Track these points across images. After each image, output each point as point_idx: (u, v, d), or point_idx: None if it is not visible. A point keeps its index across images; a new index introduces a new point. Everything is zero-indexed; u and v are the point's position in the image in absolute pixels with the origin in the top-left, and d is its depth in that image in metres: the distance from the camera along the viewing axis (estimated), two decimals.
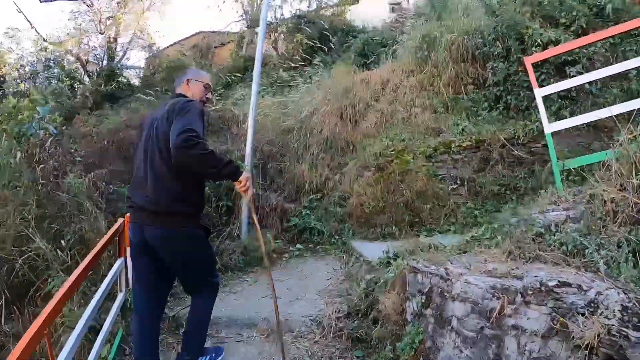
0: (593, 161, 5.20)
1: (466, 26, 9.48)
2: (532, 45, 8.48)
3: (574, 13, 9.14)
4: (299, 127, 9.75)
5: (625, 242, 3.83)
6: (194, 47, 20.41)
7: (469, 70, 9.20)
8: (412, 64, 9.91)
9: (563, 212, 4.43)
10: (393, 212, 7.73)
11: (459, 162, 7.99)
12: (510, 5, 9.61)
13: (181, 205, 3.53)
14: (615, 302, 2.81)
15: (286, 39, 17.24)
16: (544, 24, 9.31)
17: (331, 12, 18.56)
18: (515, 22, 8.96)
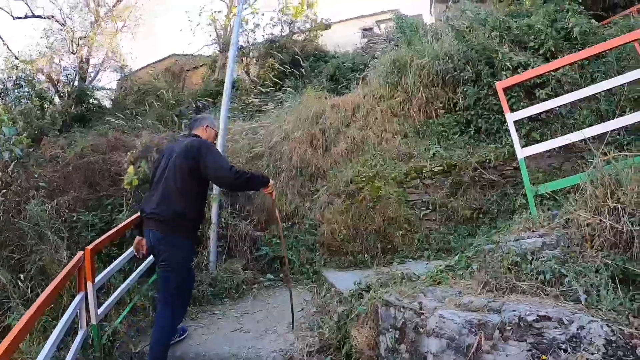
0: (567, 185, 5.16)
1: (436, 51, 9.54)
2: (502, 69, 8.54)
3: (542, 37, 9.28)
4: (269, 153, 9.57)
5: (603, 267, 3.78)
6: (166, 70, 20.20)
7: (440, 95, 9.22)
8: (383, 89, 9.88)
9: (539, 238, 4.36)
10: (365, 240, 7.61)
11: (431, 187, 7.94)
12: (480, 30, 9.70)
13: (179, 219, 4.50)
14: (599, 337, 2.71)
15: (258, 63, 17.19)
16: (513, 48, 9.42)
17: (304, 37, 18.59)
18: (484, 47, 9.05)
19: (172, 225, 4.49)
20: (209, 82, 17.71)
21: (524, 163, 5.48)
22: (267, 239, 8.11)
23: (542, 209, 5.16)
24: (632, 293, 3.60)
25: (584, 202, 4.44)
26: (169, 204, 4.49)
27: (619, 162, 4.54)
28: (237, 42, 8.75)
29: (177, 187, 4.52)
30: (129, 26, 21.51)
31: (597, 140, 6.35)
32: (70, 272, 4.25)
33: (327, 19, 19.33)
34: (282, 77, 15.10)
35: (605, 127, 5.37)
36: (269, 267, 7.79)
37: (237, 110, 12.67)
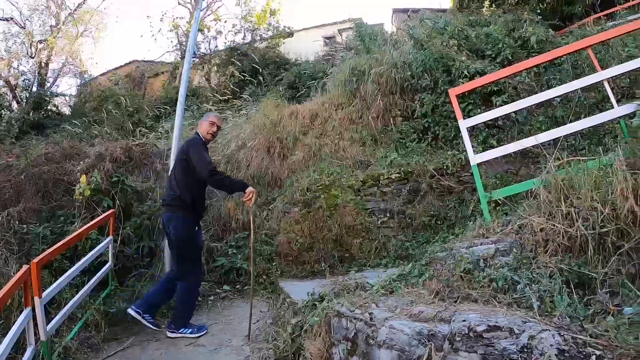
0: (520, 190, 5.16)
1: (395, 59, 9.52)
2: (459, 77, 8.57)
3: (500, 45, 9.37)
4: (227, 162, 9.43)
5: (558, 272, 3.76)
6: (127, 77, 19.84)
7: (398, 103, 9.21)
8: (342, 96, 9.84)
9: (492, 245, 4.31)
10: (322, 249, 7.50)
11: (388, 195, 7.87)
12: (438, 39, 9.72)
13: (179, 201, 5.50)
14: (551, 346, 2.62)
15: (219, 71, 17.02)
16: (471, 56, 9.50)
17: (266, 44, 18.50)
18: (442, 55, 9.07)
19: (173, 206, 5.53)
20: (170, 89, 17.44)
21: (477, 169, 5.49)
22: (224, 249, 7.92)
23: (497, 214, 5.12)
24: (587, 298, 3.57)
25: (537, 207, 4.42)
26: (172, 191, 5.60)
27: (573, 166, 4.54)
28: (193, 48, 8.59)
29: (176, 178, 5.62)
30: (90, 30, 21.21)
31: (554, 145, 6.42)
32: (13, 287, 4.00)
33: (290, 27, 19.37)
34: (243, 84, 14.93)
35: (557, 132, 5.46)
36: (226, 279, 7.61)
37: (196, 117, 12.43)
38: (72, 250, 6.45)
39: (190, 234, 5.55)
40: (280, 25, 19.29)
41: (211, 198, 8.80)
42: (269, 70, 16.04)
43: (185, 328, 5.60)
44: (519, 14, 12.26)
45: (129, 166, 8.72)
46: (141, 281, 6.94)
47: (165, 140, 10.17)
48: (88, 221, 6.75)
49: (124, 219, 7.40)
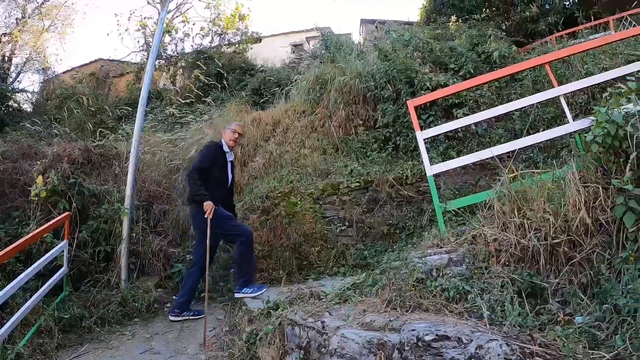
0: (475, 201, 5.23)
1: (360, 69, 9.54)
2: (421, 89, 8.65)
3: (463, 59, 9.48)
4: (187, 167, 9.24)
5: (510, 282, 3.81)
6: (91, 75, 19.27)
7: (360, 112, 9.25)
8: (305, 104, 9.84)
9: (445, 255, 4.36)
10: (280, 256, 7.43)
11: (348, 204, 7.87)
12: (403, 51, 9.79)
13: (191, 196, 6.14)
14: (498, 356, 2.62)
15: (185, 74, 16.83)
16: (434, 69, 9.62)
17: (233, 49, 18.38)
18: (406, 67, 9.12)
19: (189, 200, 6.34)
20: (134, 90, 17.08)
21: (433, 180, 5.54)
22: (181, 255, 7.77)
23: (452, 225, 5.14)
24: (539, 307, 3.65)
25: (491, 219, 4.45)
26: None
27: (526, 179, 4.59)
28: (157, 50, 8.46)
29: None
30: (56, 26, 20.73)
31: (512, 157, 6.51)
32: None
33: (259, 33, 19.29)
34: (207, 89, 14.79)
35: (511, 146, 5.60)
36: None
37: (159, 120, 12.25)
38: (26, 254, 6.27)
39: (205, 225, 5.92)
40: (248, 30, 19.24)
41: (170, 204, 8.66)
42: (235, 75, 15.94)
43: (188, 312, 6.18)
44: (484, 29, 12.42)
45: (87, 168, 8.48)
46: (97, 287, 6.75)
47: (126, 142, 9.97)
48: (43, 223, 6.54)
49: (80, 222, 7.22)
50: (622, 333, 3.03)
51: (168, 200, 8.70)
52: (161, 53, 17.03)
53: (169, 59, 17.65)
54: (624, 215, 3.87)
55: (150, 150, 9.59)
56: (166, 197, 8.75)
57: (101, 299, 6.48)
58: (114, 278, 7.04)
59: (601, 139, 4.34)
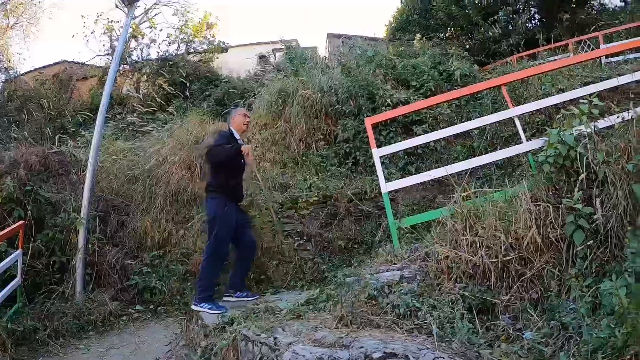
0: (428, 219, 5.32)
1: (323, 83, 9.55)
2: (382, 105, 8.74)
3: (425, 77, 9.58)
4: (147, 176, 9.09)
5: (460, 298, 3.87)
6: (54, 77, 18.71)
7: (321, 127, 9.27)
8: (267, 117, 9.78)
9: (397, 272, 4.39)
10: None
11: (306, 218, 7.87)
12: (366, 67, 9.86)
13: (208, 186, 6.20)
14: None
15: (149, 81, 16.60)
16: (396, 86, 9.72)
17: (199, 57, 18.22)
18: (368, 83, 9.22)
19: (205, 191, 6.28)
20: (97, 96, 16.61)
21: (388, 197, 5.65)
22: (138, 267, 7.67)
23: (406, 241, 5.18)
24: (490, 323, 3.71)
25: (445, 235, 4.49)
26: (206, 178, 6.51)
27: (479, 197, 4.67)
28: (119, 55, 8.36)
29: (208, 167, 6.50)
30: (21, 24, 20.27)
31: (469, 174, 6.64)
32: None
33: (225, 43, 19.14)
34: (171, 97, 14.61)
35: (468, 164, 5.76)
36: (139, 298, 7.37)
37: (120, 128, 12.03)
38: None
39: (219, 212, 5.97)
40: (215, 39, 19.06)
41: (128, 214, 8.53)
42: (199, 85, 15.83)
43: (206, 303, 5.78)
44: (447, 48, 12.61)
45: (44, 175, 8.23)
46: (51, 299, 6.59)
47: (85, 149, 9.77)
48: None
49: (36, 231, 7.05)
50: (567, 350, 3.09)
51: (126, 211, 8.53)
52: (126, 58, 16.75)
53: (133, 65, 17.36)
54: (573, 233, 3.98)
55: (110, 158, 9.38)
56: (124, 208, 8.58)
57: (56, 311, 6.34)
58: (69, 290, 6.87)
59: (553, 160, 4.46)
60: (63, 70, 19.48)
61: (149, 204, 8.62)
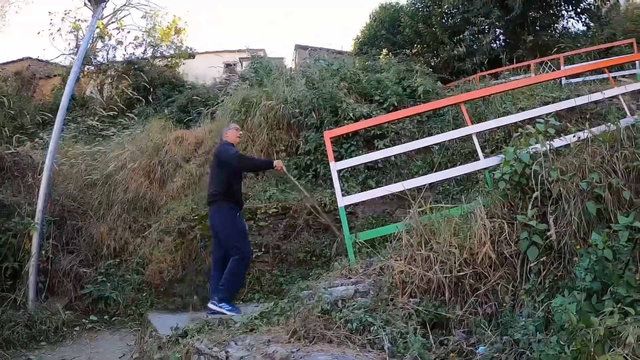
0: (384, 233, 5.35)
1: (286, 95, 9.51)
2: (345, 119, 8.73)
3: (388, 92, 9.62)
4: (105, 182, 8.97)
5: (414, 313, 3.89)
6: (16, 75, 18.25)
7: (283, 138, 9.23)
8: None
9: (352, 286, 4.41)
10: (194, 281, 7.41)
11: (265, 229, 7.83)
12: (330, 80, 9.85)
13: (215, 194, 6.32)
14: None
15: (113, 83, 16.33)
16: (359, 99, 9.74)
17: (165, 62, 18.03)
18: (331, 96, 9.19)
19: (212, 200, 6.38)
20: (60, 95, 16.26)
21: (344, 211, 5.69)
22: (93, 276, 7.54)
23: (362, 256, 5.18)
24: (444, 338, 3.75)
25: (400, 250, 4.51)
26: (209, 189, 6.53)
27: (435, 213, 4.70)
28: (83, 56, 8.22)
29: (213, 175, 6.65)
30: None
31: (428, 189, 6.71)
32: None
33: (193, 49, 18.99)
34: (134, 101, 14.39)
35: (425, 179, 5.92)
36: (94, 308, 7.25)
37: (81, 131, 11.76)
38: None
39: (227, 219, 6.21)
40: (183, 45, 18.90)
41: (84, 220, 8.37)
42: (163, 90, 15.67)
43: (226, 304, 5.88)
44: (412, 64, 12.72)
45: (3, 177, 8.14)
46: (2, 306, 6.43)
47: (42, 151, 9.52)
48: None
49: None
50: None
51: (83, 217, 8.36)
52: (91, 59, 16.47)
53: (98, 66, 17.05)
54: (527, 249, 4.03)
55: (68, 162, 9.22)
56: (81, 213, 8.41)
57: (7, 320, 6.17)
58: (21, 297, 6.74)
59: (509, 177, 4.52)
60: (26, 67, 19.00)
61: (106, 210, 8.55)
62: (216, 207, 6.30)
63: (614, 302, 3.16)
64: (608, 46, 14.20)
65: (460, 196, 6.34)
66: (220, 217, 6.24)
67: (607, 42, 14.81)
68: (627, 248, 3.52)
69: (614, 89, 6.76)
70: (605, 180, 4.23)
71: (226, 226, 6.21)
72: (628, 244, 3.54)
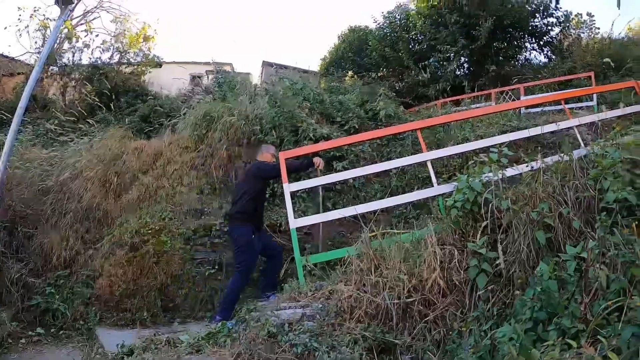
0: (334, 257, 5.36)
1: (248, 111, 9.44)
2: (305, 139, 8.72)
3: (350, 114, 9.64)
4: (59, 189, 8.67)
5: (361, 339, 3.85)
6: None
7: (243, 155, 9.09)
8: (189, 140, 9.56)
9: (299, 309, 4.42)
10: (145, 296, 7.21)
11: (219, 246, 7.74)
12: (293, 99, 9.83)
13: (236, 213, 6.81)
14: None
15: (76, 87, 15.98)
16: (321, 120, 9.72)
17: (131, 69, 17.75)
18: (293, 115, 9.16)
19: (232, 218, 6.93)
20: (21, 95, 15.85)
21: (295, 233, 5.79)
22: (42, 287, 7.30)
23: (312, 279, 5.16)
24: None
25: (350, 275, 4.50)
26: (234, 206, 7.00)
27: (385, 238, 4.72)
28: (46, 55, 8.09)
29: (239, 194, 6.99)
30: None
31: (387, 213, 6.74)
32: None
33: (160, 58, 18.75)
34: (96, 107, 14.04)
35: (372, 206, 6.08)
36: (41, 320, 6.99)
37: (39, 134, 11.46)
38: None
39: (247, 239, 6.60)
40: (151, 53, 18.64)
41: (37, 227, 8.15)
42: (127, 98, 15.40)
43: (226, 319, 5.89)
44: (376, 87, 12.81)
45: None
46: None
47: None
48: None
49: None
50: None
51: (35, 224, 8.11)
52: (56, 60, 16.12)
53: (63, 68, 16.70)
54: (477, 277, 4.06)
55: (24, 165, 8.93)
56: (33, 220, 8.17)
57: None
58: None
59: (461, 204, 4.56)
60: None
61: (59, 219, 8.27)
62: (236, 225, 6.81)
63: (559, 333, 3.19)
64: (568, 78, 14.67)
65: (417, 220, 6.38)
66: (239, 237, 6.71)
67: (567, 74, 15.32)
68: (573, 278, 3.57)
69: (569, 120, 7.00)
70: (555, 209, 4.30)
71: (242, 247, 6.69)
72: (575, 274, 3.58)
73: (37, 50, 16.61)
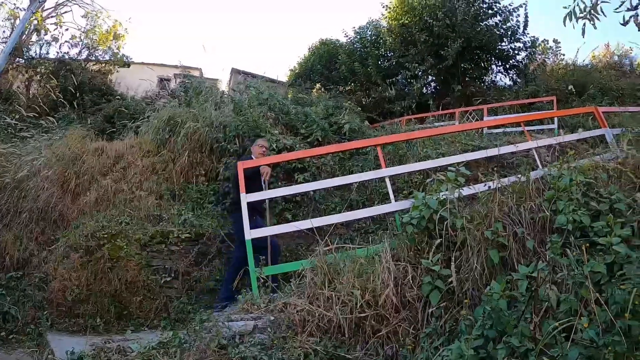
0: (289, 270, 5.39)
1: (213, 118, 9.41)
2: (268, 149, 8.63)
3: (314, 126, 9.65)
4: (15, 187, 8.45)
5: (312, 352, 3.89)
6: None
7: (204, 162, 9.11)
8: (152, 144, 9.49)
9: (251, 321, 4.37)
10: (99, 302, 7.04)
11: (176, 254, 7.61)
12: (258, 108, 9.82)
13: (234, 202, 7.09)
14: None
15: (41, 81, 15.65)
16: (285, 131, 9.71)
17: (99, 67, 17.49)
18: (257, 124, 9.15)
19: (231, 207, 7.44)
20: None
21: (251, 244, 5.70)
22: None
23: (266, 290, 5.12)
24: None
25: (304, 288, 4.51)
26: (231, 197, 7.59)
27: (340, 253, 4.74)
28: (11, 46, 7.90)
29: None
30: None
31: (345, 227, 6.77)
32: None
33: (129, 57, 18.57)
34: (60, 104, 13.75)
35: (327, 220, 6.14)
36: None
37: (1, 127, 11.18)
38: None
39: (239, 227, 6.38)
40: (120, 52, 18.47)
41: None
42: (92, 97, 15.16)
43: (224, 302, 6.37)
44: (342, 101, 12.88)
45: None
46: None
47: None
48: None
49: None
50: None
51: None
52: (23, 52, 15.77)
53: (29, 61, 16.35)
54: (430, 293, 4.10)
55: None
56: None
57: None
58: None
59: (416, 221, 4.61)
60: None
61: (14, 217, 8.10)
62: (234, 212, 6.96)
63: (508, 351, 3.23)
64: (531, 101, 15.00)
65: (375, 235, 6.42)
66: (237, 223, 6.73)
67: (530, 97, 15.65)
68: (524, 298, 3.62)
69: (528, 142, 7.16)
70: (510, 229, 4.38)
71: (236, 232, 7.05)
72: (527, 294, 3.64)
73: (4, 40, 16.26)
